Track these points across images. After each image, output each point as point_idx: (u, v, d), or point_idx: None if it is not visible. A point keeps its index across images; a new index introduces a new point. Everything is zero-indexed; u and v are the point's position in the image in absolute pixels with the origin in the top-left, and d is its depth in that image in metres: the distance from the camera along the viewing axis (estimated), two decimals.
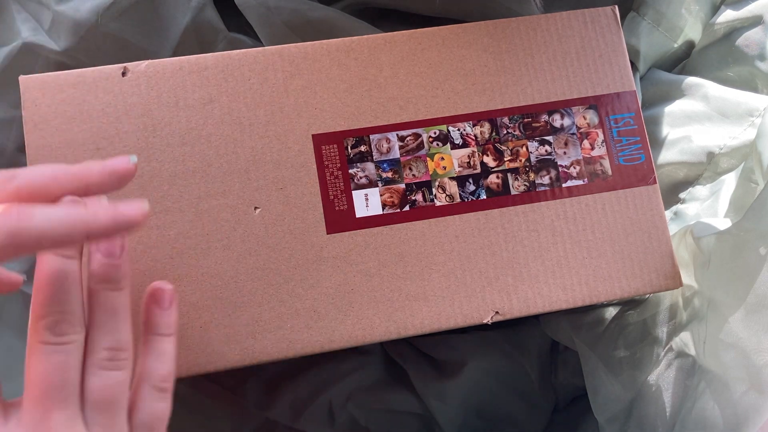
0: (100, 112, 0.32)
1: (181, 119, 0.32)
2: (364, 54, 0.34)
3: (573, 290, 0.33)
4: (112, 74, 0.32)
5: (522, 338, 0.44)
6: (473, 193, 0.34)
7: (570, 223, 0.34)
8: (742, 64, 0.42)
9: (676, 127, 0.42)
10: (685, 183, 0.42)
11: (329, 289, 0.32)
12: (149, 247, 0.31)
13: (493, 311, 0.33)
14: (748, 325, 0.28)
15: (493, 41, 0.35)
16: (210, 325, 0.31)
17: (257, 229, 0.32)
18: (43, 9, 0.40)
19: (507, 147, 0.34)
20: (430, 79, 0.34)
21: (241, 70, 0.33)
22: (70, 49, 0.39)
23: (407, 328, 0.32)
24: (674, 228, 0.39)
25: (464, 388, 0.43)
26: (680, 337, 0.35)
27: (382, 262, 0.33)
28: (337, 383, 0.43)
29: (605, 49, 0.36)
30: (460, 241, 0.33)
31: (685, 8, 0.43)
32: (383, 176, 0.33)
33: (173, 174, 0.32)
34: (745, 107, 0.40)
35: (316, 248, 0.32)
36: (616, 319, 0.40)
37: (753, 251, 0.28)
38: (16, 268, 0.40)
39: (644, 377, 0.35)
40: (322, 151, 0.33)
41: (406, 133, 0.34)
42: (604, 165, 0.35)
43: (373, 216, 0.33)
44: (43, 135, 0.31)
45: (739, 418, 0.28)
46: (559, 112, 0.35)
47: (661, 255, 0.34)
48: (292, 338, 0.32)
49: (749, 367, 0.28)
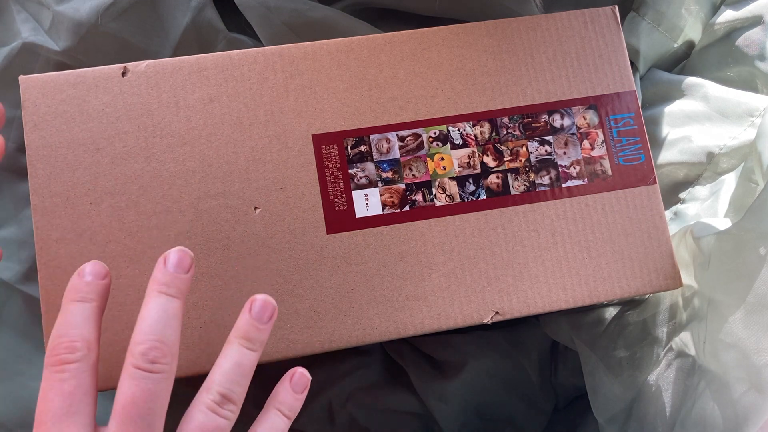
0: (100, 112, 0.32)
1: (181, 119, 0.32)
2: (364, 54, 0.34)
3: (573, 290, 0.33)
4: (112, 74, 0.32)
5: (522, 338, 0.44)
6: (473, 193, 0.34)
7: (570, 223, 0.34)
8: (742, 64, 0.42)
9: (676, 127, 0.42)
10: (685, 183, 0.42)
11: (329, 289, 0.32)
12: (149, 247, 0.31)
13: (493, 311, 0.33)
14: (748, 325, 0.28)
15: (493, 41, 0.35)
16: (210, 325, 0.31)
17: (257, 229, 0.32)
18: (43, 9, 0.40)
19: (507, 147, 0.34)
20: (430, 79, 0.34)
21: (241, 70, 0.33)
22: (70, 49, 0.39)
23: (407, 328, 0.32)
24: (674, 228, 0.39)
25: (464, 388, 0.43)
26: (680, 337, 0.35)
27: (382, 262, 0.33)
28: (336, 383, 0.43)
29: (605, 49, 0.36)
30: (460, 241, 0.33)
31: (685, 8, 0.43)
32: (383, 176, 0.33)
33: (173, 174, 0.32)
34: (745, 107, 0.40)
35: (316, 248, 0.32)
36: (616, 319, 0.40)
37: (753, 251, 0.28)
38: (16, 267, 0.40)
39: (644, 377, 0.35)
40: (322, 151, 0.33)
41: (406, 133, 0.34)
42: (604, 165, 0.35)
43: (373, 216, 0.33)
44: (43, 135, 0.31)
45: (739, 418, 0.28)
46: (559, 112, 0.35)
47: (661, 255, 0.34)
48: (292, 338, 0.32)
49: (749, 367, 0.28)
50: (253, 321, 0.27)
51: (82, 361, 0.25)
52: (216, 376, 0.26)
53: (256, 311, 0.27)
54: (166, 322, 0.25)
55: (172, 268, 0.27)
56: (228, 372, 0.26)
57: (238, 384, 0.26)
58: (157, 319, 0.25)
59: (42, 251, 0.31)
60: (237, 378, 0.26)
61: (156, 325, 0.25)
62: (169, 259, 0.27)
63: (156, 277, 0.27)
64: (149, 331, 0.25)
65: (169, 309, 0.26)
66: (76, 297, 0.26)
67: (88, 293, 0.27)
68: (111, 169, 0.32)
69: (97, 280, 0.27)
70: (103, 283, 0.27)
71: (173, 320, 0.26)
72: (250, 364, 0.27)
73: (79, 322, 0.26)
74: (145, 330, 0.25)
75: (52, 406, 0.24)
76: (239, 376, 0.26)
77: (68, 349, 0.25)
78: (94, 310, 0.26)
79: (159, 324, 0.25)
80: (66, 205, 0.31)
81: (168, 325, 0.25)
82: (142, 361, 0.24)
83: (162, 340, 0.25)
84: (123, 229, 0.31)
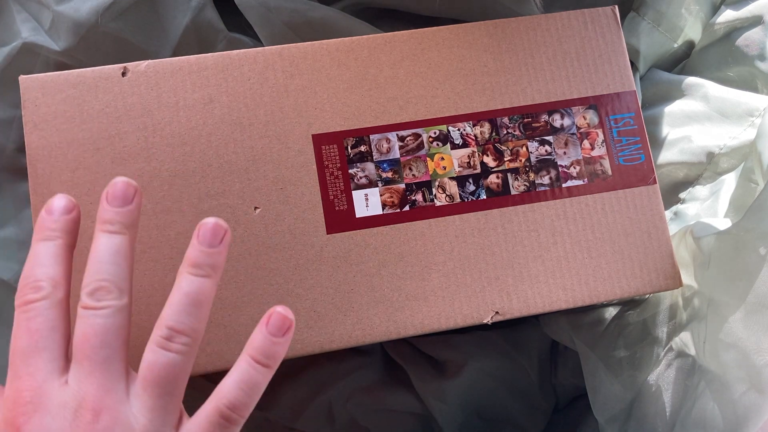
0: (100, 112, 0.32)
1: (181, 119, 0.32)
2: (364, 54, 0.34)
3: (573, 290, 0.33)
4: (112, 74, 0.32)
5: (522, 338, 0.44)
6: (473, 193, 0.34)
7: (570, 223, 0.34)
8: (742, 64, 0.42)
9: (676, 127, 0.42)
10: (685, 183, 0.42)
11: (329, 289, 0.32)
12: (149, 247, 0.31)
13: (493, 311, 0.33)
14: (748, 325, 0.28)
15: (493, 41, 0.35)
16: (210, 325, 0.31)
17: (257, 229, 0.32)
18: (43, 9, 0.40)
19: (507, 147, 0.34)
20: (430, 79, 0.34)
21: (240, 70, 0.33)
22: (70, 49, 0.39)
23: (407, 328, 0.32)
24: (674, 228, 0.39)
25: (464, 388, 0.43)
26: (680, 337, 0.35)
27: (382, 262, 0.33)
28: (336, 383, 0.43)
29: (605, 49, 0.36)
30: (460, 241, 0.33)
31: (685, 8, 0.43)
32: (383, 176, 0.33)
33: (173, 174, 0.32)
34: (745, 107, 0.40)
35: (316, 248, 0.32)
36: (616, 319, 0.40)
37: (753, 251, 0.28)
38: (16, 267, 0.40)
39: (644, 377, 0.35)
40: (322, 151, 0.33)
41: (406, 133, 0.34)
42: (604, 165, 0.35)
43: (373, 216, 0.33)
44: (43, 135, 0.31)
45: (739, 418, 0.28)
46: (559, 112, 0.35)
47: (661, 255, 0.34)
48: (292, 338, 0.32)
49: (749, 367, 0.28)
50: (202, 246, 0.26)
51: (48, 299, 0.25)
52: (163, 312, 0.25)
53: (203, 236, 0.26)
54: (111, 260, 0.25)
55: (113, 203, 0.26)
56: (176, 303, 0.25)
57: (188, 314, 0.25)
58: (100, 259, 0.25)
59: None
60: (187, 308, 0.25)
61: (100, 265, 0.25)
62: (109, 193, 0.26)
63: (99, 215, 0.26)
64: (94, 271, 0.25)
65: (112, 246, 0.25)
66: (42, 236, 0.26)
67: (54, 230, 0.26)
68: (111, 168, 0.32)
69: (63, 215, 0.27)
70: (69, 217, 0.27)
71: (117, 256, 0.25)
72: (202, 291, 0.25)
73: (44, 261, 0.26)
74: (91, 271, 0.25)
75: (19, 344, 0.24)
76: (189, 306, 0.25)
77: (33, 288, 0.25)
78: (61, 248, 0.26)
79: (103, 263, 0.25)
80: None
81: (113, 262, 0.25)
82: (89, 300, 0.25)
83: (106, 278, 0.25)
84: None
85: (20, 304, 0.25)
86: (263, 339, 0.26)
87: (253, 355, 0.26)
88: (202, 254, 0.26)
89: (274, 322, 0.26)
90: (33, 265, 0.25)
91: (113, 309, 0.25)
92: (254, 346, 0.26)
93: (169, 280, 0.31)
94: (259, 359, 0.26)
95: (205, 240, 0.26)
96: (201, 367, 0.31)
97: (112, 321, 0.25)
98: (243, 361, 0.26)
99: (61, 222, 0.26)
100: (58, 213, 0.27)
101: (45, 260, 0.26)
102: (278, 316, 0.26)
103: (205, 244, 0.26)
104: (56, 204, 0.27)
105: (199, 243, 0.26)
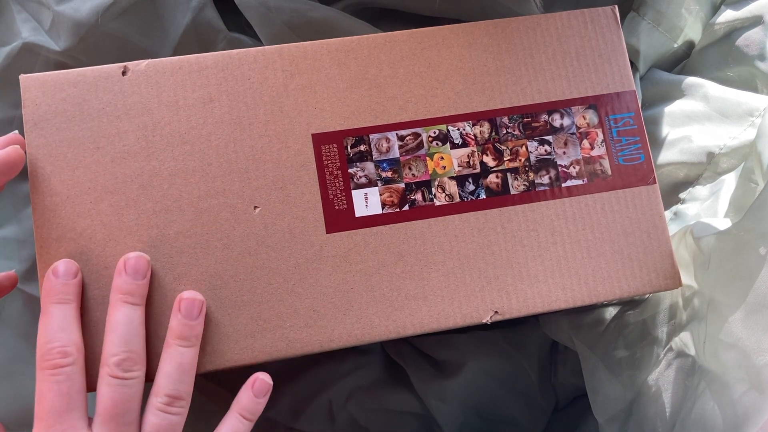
0: (100, 112, 0.32)
1: (181, 118, 0.32)
2: (364, 54, 0.34)
3: (572, 290, 0.33)
4: (112, 73, 0.32)
5: (522, 338, 0.44)
6: (473, 193, 0.34)
7: (569, 222, 0.34)
8: (742, 64, 0.42)
9: (676, 127, 0.42)
10: (685, 183, 0.42)
11: (329, 289, 0.32)
12: (149, 247, 0.31)
13: (493, 311, 0.33)
14: (748, 325, 0.28)
15: (493, 41, 0.35)
16: (209, 324, 0.31)
17: (257, 229, 0.32)
18: (43, 9, 0.40)
19: (506, 147, 0.34)
20: (430, 78, 0.34)
21: (240, 69, 0.33)
22: (70, 49, 0.39)
23: (406, 327, 0.32)
24: (674, 228, 0.39)
25: (464, 388, 0.43)
26: (680, 337, 0.34)
27: (382, 262, 0.33)
28: (336, 383, 0.43)
29: (605, 49, 0.36)
30: (460, 240, 0.33)
31: (685, 8, 0.43)
32: (383, 176, 0.33)
33: (173, 173, 0.32)
34: (745, 107, 0.40)
35: (316, 247, 0.32)
36: (615, 319, 0.40)
37: (753, 251, 0.28)
38: (16, 267, 0.40)
39: (644, 377, 0.35)
40: (322, 150, 0.33)
41: (405, 133, 0.34)
42: (604, 165, 0.35)
43: (373, 215, 0.33)
44: (43, 134, 0.31)
45: (739, 418, 0.28)
46: (558, 111, 0.35)
47: (660, 255, 0.34)
48: (292, 337, 0.32)
49: (749, 367, 0.28)
50: (184, 320, 0.29)
51: (75, 364, 0.28)
52: (161, 380, 0.29)
53: (185, 309, 0.30)
54: (134, 332, 0.29)
55: (131, 276, 0.29)
56: (171, 373, 0.29)
57: (181, 382, 0.29)
58: (125, 330, 0.28)
59: (42, 250, 0.31)
60: (180, 377, 0.29)
61: (125, 336, 0.28)
62: (128, 265, 0.29)
63: (118, 286, 0.29)
64: (119, 342, 0.28)
65: (134, 318, 0.29)
66: (56, 299, 0.29)
67: (67, 294, 0.29)
68: (111, 168, 0.32)
69: (71, 279, 0.29)
70: (76, 281, 0.29)
71: (140, 328, 0.29)
72: (190, 361, 0.29)
73: (64, 326, 0.28)
74: (116, 341, 0.28)
75: (51, 404, 0.27)
76: (182, 374, 0.29)
77: (61, 354, 0.27)
78: (74, 311, 0.29)
79: (127, 335, 0.28)
80: (66, 203, 0.31)
81: (136, 334, 0.29)
82: (117, 370, 0.28)
83: (132, 350, 0.28)
84: (123, 228, 0.31)
85: (48, 366, 0.27)
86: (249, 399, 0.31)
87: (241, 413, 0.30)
88: (186, 327, 0.29)
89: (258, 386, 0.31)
90: (54, 330, 0.28)
91: (137, 380, 0.28)
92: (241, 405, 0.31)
93: (169, 279, 0.31)
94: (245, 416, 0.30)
95: (188, 314, 0.30)
96: (201, 366, 0.31)
97: (135, 390, 0.28)
98: (232, 417, 0.30)
99: (71, 285, 0.29)
100: (68, 276, 0.29)
101: (65, 325, 0.28)
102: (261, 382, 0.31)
103: (189, 318, 0.30)
104: (63, 268, 0.29)
105: (183, 316, 0.30)
